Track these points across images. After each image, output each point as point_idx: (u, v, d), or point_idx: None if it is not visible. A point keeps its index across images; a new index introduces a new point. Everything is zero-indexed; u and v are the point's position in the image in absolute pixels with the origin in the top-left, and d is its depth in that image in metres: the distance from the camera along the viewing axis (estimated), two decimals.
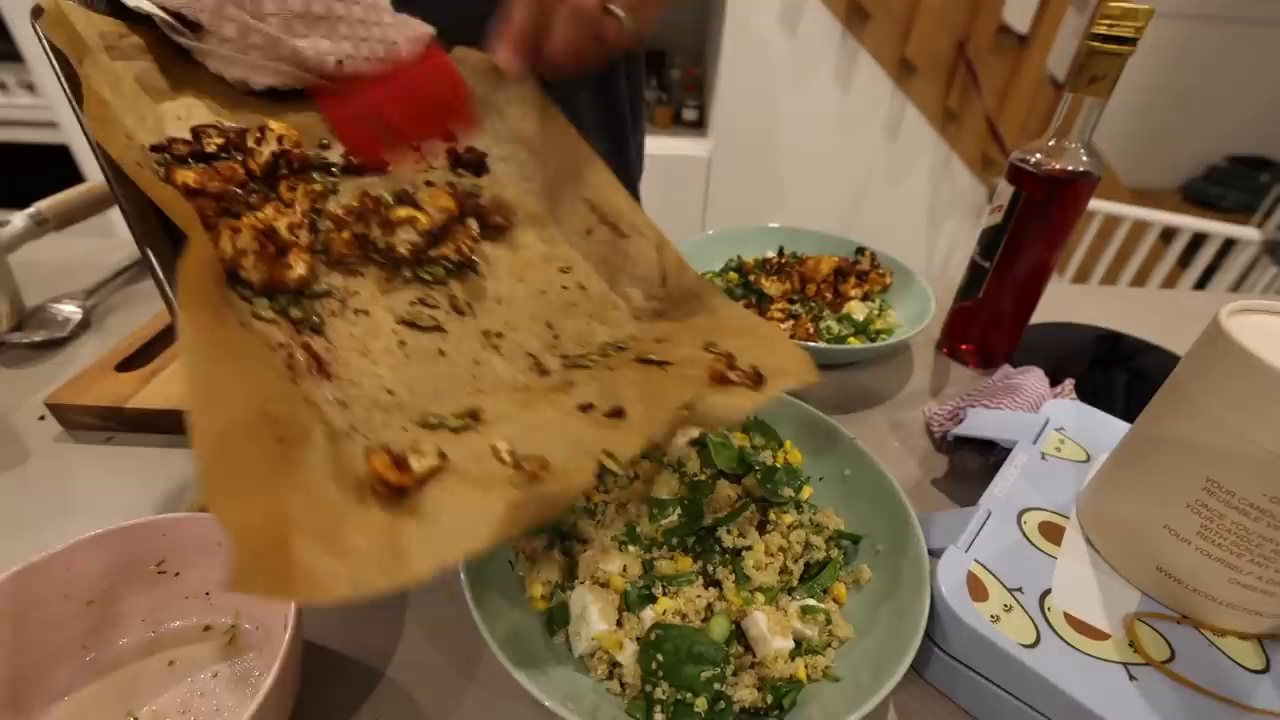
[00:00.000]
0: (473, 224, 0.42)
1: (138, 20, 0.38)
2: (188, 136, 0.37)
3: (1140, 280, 1.70)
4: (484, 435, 0.33)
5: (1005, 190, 0.55)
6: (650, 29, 0.43)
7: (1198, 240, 1.54)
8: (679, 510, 0.37)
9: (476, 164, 0.46)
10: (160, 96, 0.38)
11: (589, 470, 0.30)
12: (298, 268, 0.35)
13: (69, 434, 0.50)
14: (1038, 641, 0.31)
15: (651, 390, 0.35)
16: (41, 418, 0.51)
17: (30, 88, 1.89)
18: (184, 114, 0.39)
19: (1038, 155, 0.53)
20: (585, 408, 0.35)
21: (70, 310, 0.64)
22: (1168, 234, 1.58)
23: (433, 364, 0.37)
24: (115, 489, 0.46)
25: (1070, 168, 0.51)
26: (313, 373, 0.33)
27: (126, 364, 0.54)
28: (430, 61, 0.45)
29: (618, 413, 0.34)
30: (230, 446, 0.24)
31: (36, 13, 0.35)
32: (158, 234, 0.33)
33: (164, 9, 0.37)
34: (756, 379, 0.35)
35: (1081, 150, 0.51)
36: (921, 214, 2.03)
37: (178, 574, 0.35)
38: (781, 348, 0.38)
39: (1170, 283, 1.69)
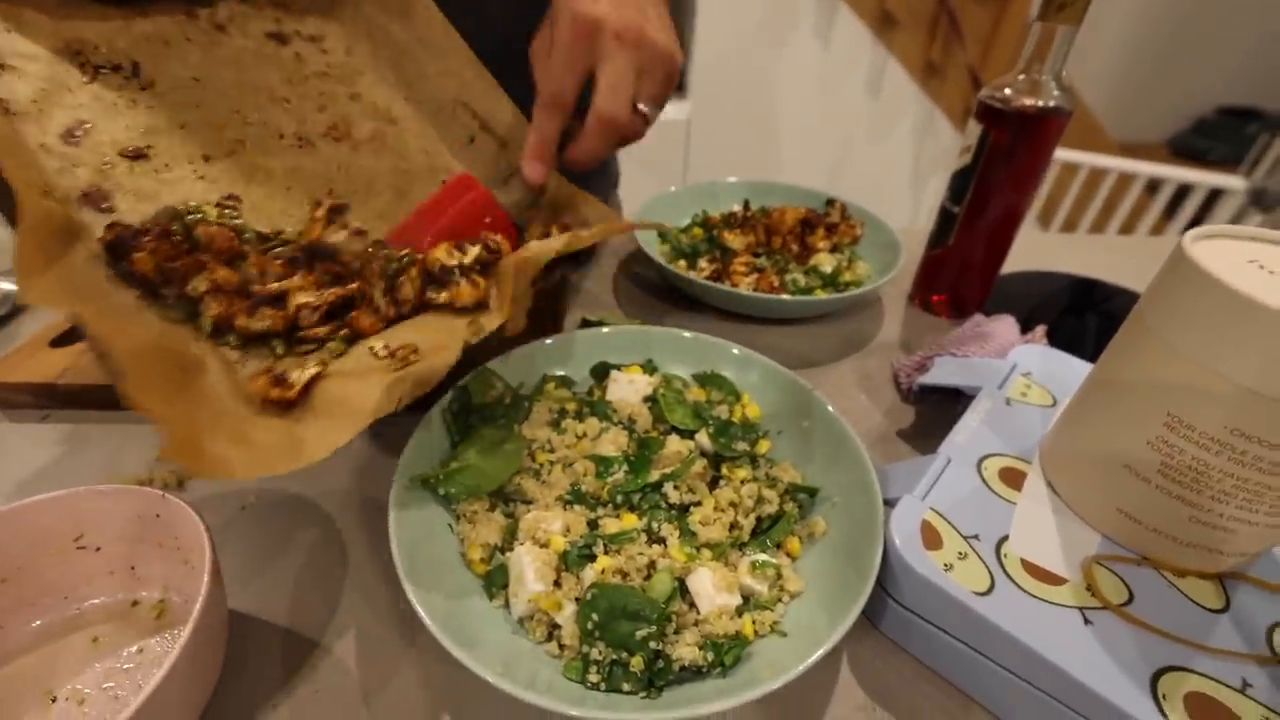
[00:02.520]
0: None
1: None
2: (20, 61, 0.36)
3: (1126, 233, 1.68)
4: (363, 343, 0.36)
5: (974, 130, 0.52)
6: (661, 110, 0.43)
7: (1184, 192, 1.51)
8: (625, 467, 0.36)
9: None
10: None
11: (456, 348, 0.32)
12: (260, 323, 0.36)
13: (4, 413, 0.48)
14: (991, 589, 0.30)
15: (499, 272, 0.38)
16: None
17: None
18: (13, 25, 0.36)
19: (1007, 90, 0.50)
20: (450, 305, 0.38)
21: (6, 288, 0.61)
22: (1154, 186, 1.56)
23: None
24: (52, 467, 0.44)
25: (1041, 103, 0.49)
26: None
27: (63, 340, 0.52)
28: (458, 188, 0.44)
29: (482, 304, 0.37)
30: (144, 363, 0.28)
31: None
32: None
33: None
34: (564, 227, 0.42)
35: (1053, 84, 0.49)
36: (905, 171, 1.99)
37: (99, 549, 0.33)
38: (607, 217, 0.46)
39: (1156, 234, 1.68)
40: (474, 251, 0.39)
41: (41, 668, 0.31)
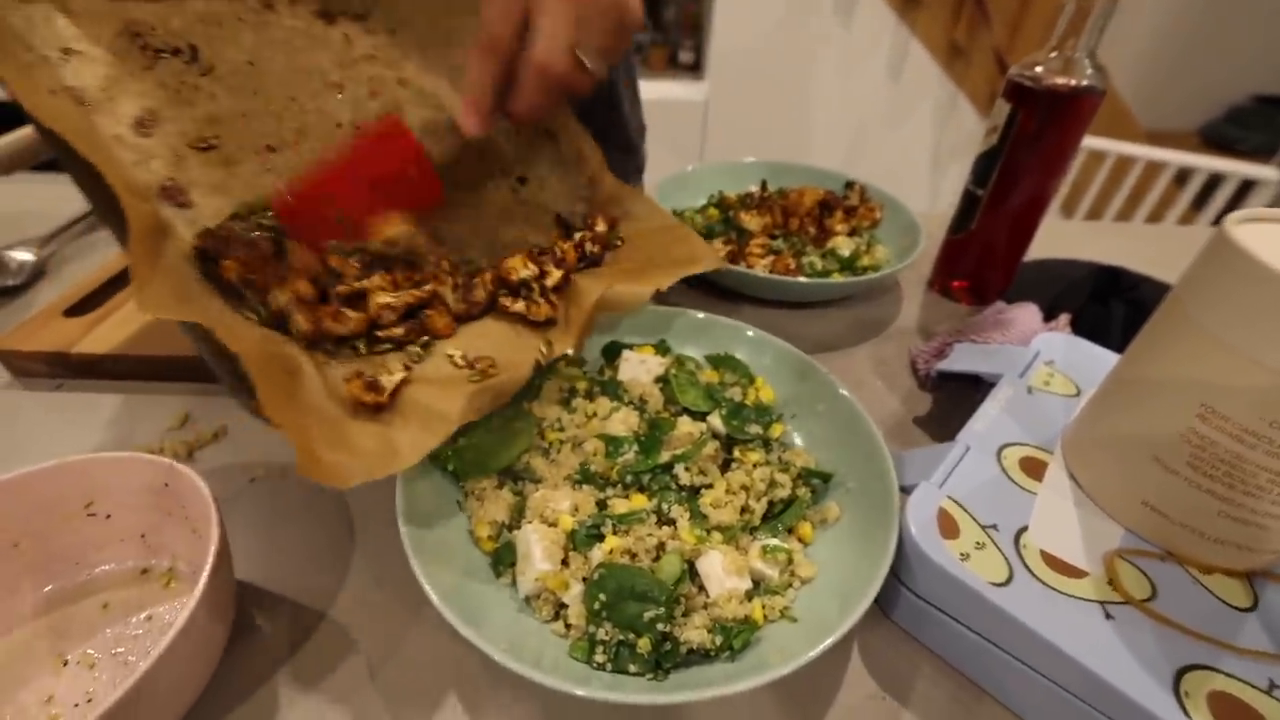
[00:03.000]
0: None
1: None
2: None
3: (1153, 223, 1.64)
4: (439, 349, 0.38)
5: (1001, 109, 0.51)
6: (616, 64, 0.40)
7: (1214, 182, 1.47)
8: (635, 447, 0.35)
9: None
10: None
11: (529, 363, 0.37)
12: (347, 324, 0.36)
13: (17, 381, 0.49)
14: (1009, 580, 0.29)
15: (575, 295, 0.41)
16: None
17: None
18: (73, 8, 0.34)
19: (1039, 68, 0.48)
20: (522, 316, 0.40)
21: (23, 257, 0.61)
22: (1183, 176, 1.51)
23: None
24: (64, 435, 0.44)
25: (1073, 82, 0.47)
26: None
27: (77, 309, 0.52)
28: (386, 136, 0.41)
29: (550, 321, 0.40)
30: (264, 373, 0.29)
31: None
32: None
33: None
34: (612, 221, 0.45)
35: (1087, 61, 0.47)
36: (925, 157, 1.95)
37: (109, 516, 0.33)
38: (694, 243, 0.45)
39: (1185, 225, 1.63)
40: (557, 274, 0.41)
41: (53, 631, 0.31)
